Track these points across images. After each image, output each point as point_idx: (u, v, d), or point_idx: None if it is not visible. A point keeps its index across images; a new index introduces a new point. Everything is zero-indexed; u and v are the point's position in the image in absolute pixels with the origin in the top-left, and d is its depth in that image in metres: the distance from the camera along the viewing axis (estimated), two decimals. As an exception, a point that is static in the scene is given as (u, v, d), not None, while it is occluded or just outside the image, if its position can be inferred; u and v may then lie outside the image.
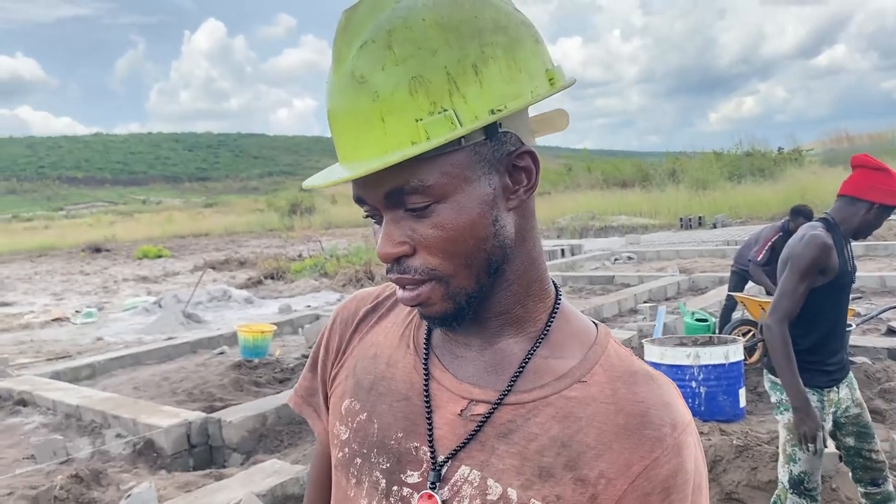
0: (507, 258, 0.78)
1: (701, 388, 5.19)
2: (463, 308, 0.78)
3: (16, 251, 34.91)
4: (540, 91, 0.74)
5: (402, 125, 0.70)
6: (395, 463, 0.82)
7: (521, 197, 0.78)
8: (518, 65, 0.72)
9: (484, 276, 0.77)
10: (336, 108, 0.74)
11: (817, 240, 2.77)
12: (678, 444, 0.74)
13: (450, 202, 0.73)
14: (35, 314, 13.68)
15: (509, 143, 0.75)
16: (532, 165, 0.77)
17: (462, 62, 0.70)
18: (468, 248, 0.75)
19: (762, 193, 26.44)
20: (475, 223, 0.74)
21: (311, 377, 1.01)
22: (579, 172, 40.02)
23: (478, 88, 0.70)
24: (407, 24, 0.70)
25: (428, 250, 0.75)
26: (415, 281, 0.77)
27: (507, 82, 0.71)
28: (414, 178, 0.71)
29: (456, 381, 0.83)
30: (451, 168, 0.72)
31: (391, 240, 0.76)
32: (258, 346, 8.21)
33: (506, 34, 0.72)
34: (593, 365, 0.80)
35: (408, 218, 0.75)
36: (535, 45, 0.76)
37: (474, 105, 0.70)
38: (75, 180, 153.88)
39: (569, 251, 17.84)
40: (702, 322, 7.19)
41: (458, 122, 0.69)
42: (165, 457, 5.38)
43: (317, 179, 0.77)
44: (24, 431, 6.19)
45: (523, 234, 0.80)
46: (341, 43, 0.73)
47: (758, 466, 3.82)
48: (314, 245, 22.68)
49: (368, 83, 0.70)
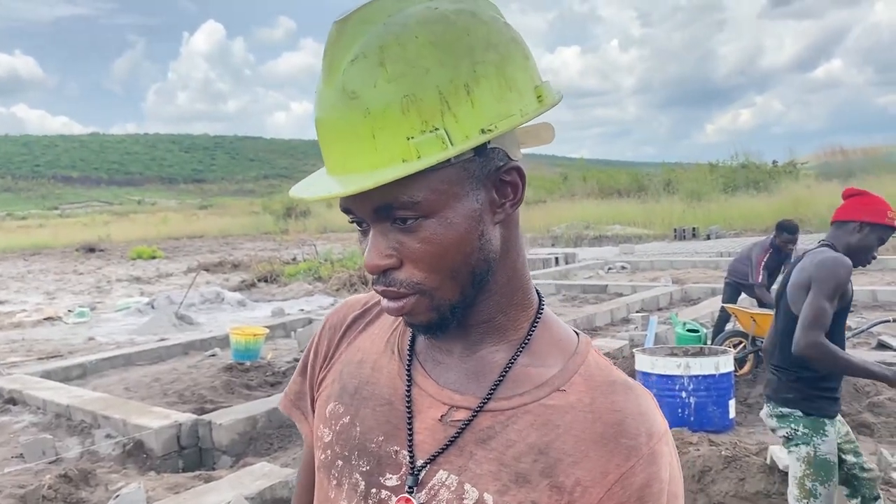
0: (491, 270, 0.80)
1: (691, 399, 5.20)
2: (447, 318, 0.80)
3: (9, 249, 34.78)
4: (528, 109, 0.74)
5: (393, 142, 0.70)
6: (375, 466, 0.83)
7: (508, 211, 0.79)
8: (508, 83, 0.73)
9: (469, 287, 0.79)
10: (326, 120, 0.74)
11: (844, 261, 2.74)
12: (653, 453, 0.75)
13: (437, 217, 0.74)
14: (27, 313, 13.62)
15: (497, 159, 0.76)
16: (518, 180, 0.78)
17: (454, 82, 0.70)
18: (454, 263, 0.76)
19: (756, 206, 26.56)
20: (462, 238, 0.75)
21: (300, 381, 1.03)
22: (575, 181, 40.14)
23: (469, 108, 0.70)
24: (400, 42, 0.70)
25: (414, 264, 0.76)
26: (399, 294, 0.78)
27: (498, 101, 0.72)
28: (403, 194, 0.72)
29: (438, 387, 0.84)
30: (439, 185, 0.73)
31: (378, 252, 0.76)
32: (250, 349, 8.20)
33: (497, 52, 0.73)
34: (573, 374, 0.81)
35: (395, 231, 0.75)
36: (525, 62, 0.76)
37: (465, 124, 0.70)
38: (71, 179, 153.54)
39: (563, 260, 17.87)
40: (693, 333, 7.22)
41: (450, 141, 0.70)
42: (155, 458, 5.37)
43: (304, 190, 0.78)
44: (14, 430, 6.16)
45: (508, 245, 0.81)
46: (332, 55, 0.73)
47: (745, 477, 3.84)
48: (309, 249, 22.67)
49: (360, 99, 0.70)
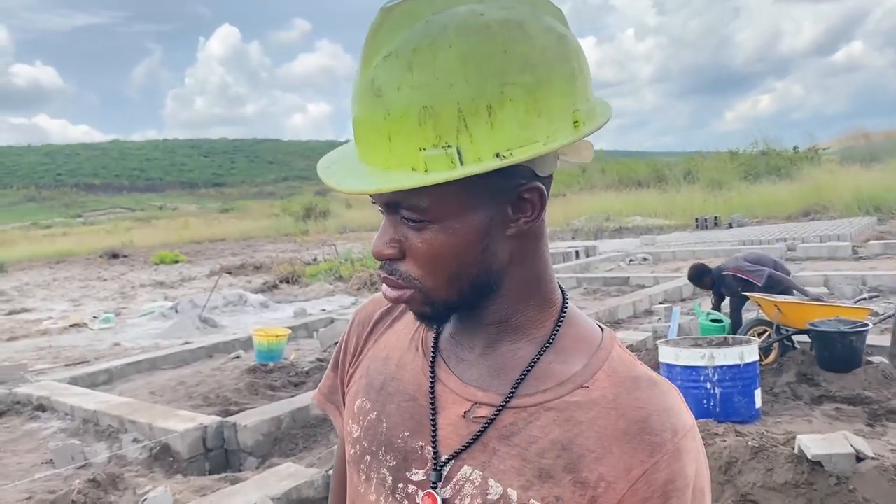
0: (494, 279, 0.80)
1: (716, 390, 5.15)
2: (441, 313, 0.81)
3: (35, 258, 35.23)
4: (557, 137, 0.71)
5: (405, 149, 0.70)
6: (402, 461, 0.85)
7: (521, 227, 0.77)
8: (538, 108, 0.70)
9: (467, 292, 0.79)
10: (355, 108, 0.75)
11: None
12: (678, 449, 0.75)
13: (442, 225, 0.74)
14: (53, 320, 13.80)
15: (518, 176, 0.75)
16: (537, 200, 0.77)
17: (476, 100, 0.68)
18: (451, 269, 0.77)
19: (778, 193, 26.25)
20: (464, 250, 0.76)
21: (333, 376, 1.06)
22: (594, 173, 39.88)
23: (488, 130, 0.68)
24: (432, 48, 0.69)
25: (414, 260, 0.77)
26: (398, 285, 0.79)
27: (522, 126, 0.69)
28: (411, 198, 0.73)
29: (461, 384, 0.84)
30: (447, 195, 0.73)
31: (384, 240, 0.79)
32: (273, 350, 8.25)
33: (533, 74, 0.69)
34: (596, 370, 0.81)
35: (403, 225, 0.77)
36: (567, 85, 0.72)
37: (480, 146, 0.69)
38: (93, 187, 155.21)
39: (583, 252, 17.77)
40: (717, 323, 7.15)
41: (460, 160, 0.69)
42: (181, 461, 5.41)
43: (328, 167, 0.79)
44: (43, 436, 6.25)
45: (522, 257, 0.80)
46: (370, 44, 0.73)
47: (773, 467, 3.79)
48: (329, 249, 22.76)
49: (383, 98, 0.71)
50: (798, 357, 6.19)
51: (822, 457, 3.61)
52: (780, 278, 6.91)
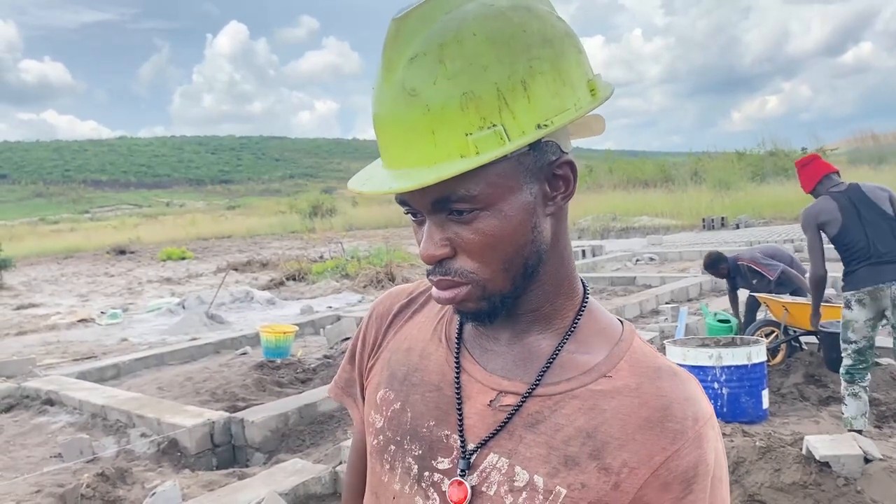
0: (542, 261, 0.81)
1: (723, 390, 5.15)
2: (497, 307, 0.82)
3: (43, 253, 35.39)
4: (583, 104, 0.76)
5: (452, 139, 0.72)
6: (427, 450, 0.86)
7: (559, 203, 0.80)
8: (563, 78, 0.74)
9: (520, 278, 0.80)
10: (384, 116, 0.76)
11: None
12: (699, 436, 0.77)
13: (493, 210, 0.76)
14: (61, 315, 13.86)
15: (550, 153, 0.78)
16: (570, 174, 0.80)
17: (512, 78, 0.71)
18: (507, 254, 0.78)
19: (786, 193, 26.13)
20: (516, 231, 0.77)
21: (349, 369, 1.06)
22: (601, 173, 39.81)
23: (526, 103, 0.72)
24: (458, 39, 0.71)
25: (468, 254, 0.78)
26: (454, 283, 0.80)
27: (553, 96, 0.73)
28: (461, 187, 0.74)
29: (486, 374, 0.86)
30: (496, 178, 0.74)
31: (434, 242, 0.79)
32: (280, 347, 8.27)
33: (552, 47, 0.74)
34: (618, 360, 0.83)
35: (451, 222, 0.77)
36: (578, 56, 0.77)
37: (522, 120, 0.72)
38: (100, 183, 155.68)
39: (590, 252, 17.77)
40: (724, 323, 7.15)
41: (507, 137, 0.71)
42: (189, 456, 5.44)
43: (362, 184, 0.80)
44: (52, 430, 6.28)
45: (558, 236, 0.83)
46: (391, 52, 0.74)
47: (781, 468, 3.79)
48: (335, 246, 22.77)
49: (420, 96, 0.72)
50: (806, 358, 6.19)
51: (830, 458, 3.61)
52: (793, 276, 6.85)
